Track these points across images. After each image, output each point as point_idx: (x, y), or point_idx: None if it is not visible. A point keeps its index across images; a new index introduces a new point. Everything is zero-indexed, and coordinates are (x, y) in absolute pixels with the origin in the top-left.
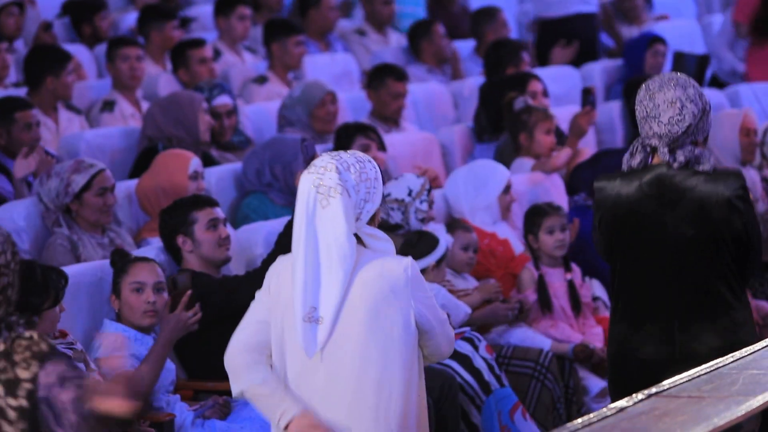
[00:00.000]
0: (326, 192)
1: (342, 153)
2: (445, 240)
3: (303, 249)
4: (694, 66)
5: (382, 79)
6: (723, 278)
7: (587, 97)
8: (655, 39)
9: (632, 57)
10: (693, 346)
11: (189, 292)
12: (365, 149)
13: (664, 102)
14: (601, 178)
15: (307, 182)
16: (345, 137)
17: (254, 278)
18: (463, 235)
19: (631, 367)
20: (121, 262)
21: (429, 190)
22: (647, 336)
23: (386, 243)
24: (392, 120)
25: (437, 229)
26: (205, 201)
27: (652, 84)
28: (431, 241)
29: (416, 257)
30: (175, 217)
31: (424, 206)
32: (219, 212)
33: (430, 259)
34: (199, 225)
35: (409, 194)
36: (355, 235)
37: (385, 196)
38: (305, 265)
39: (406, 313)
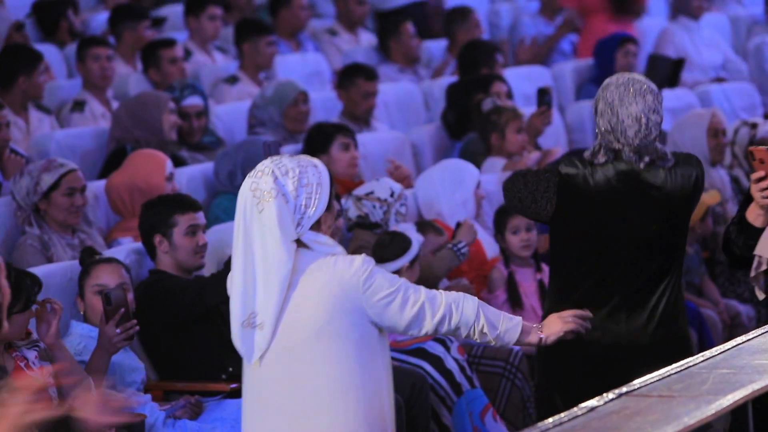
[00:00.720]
0: (261, 196)
1: (285, 157)
2: (417, 241)
3: (241, 254)
4: (668, 69)
5: (352, 79)
6: (675, 271)
7: (543, 97)
8: (626, 39)
9: (603, 57)
10: (638, 335)
11: (122, 309)
12: (346, 148)
13: (627, 117)
14: (568, 165)
15: (245, 186)
16: (322, 137)
17: (220, 279)
18: (434, 239)
19: (579, 356)
20: (86, 263)
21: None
22: (596, 324)
23: (334, 249)
24: (363, 120)
25: (407, 228)
26: (189, 205)
27: (611, 95)
28: (404, 243)
29: (389, 259)
30: (157, 215)
31: (403, 209)
32: (201, 218)
33: (403, 261)
34: (179, 229)
35: (392, 195)
36: (299, 240)
37: (368, 194)
38: (244, 270)
39: (359, 315)
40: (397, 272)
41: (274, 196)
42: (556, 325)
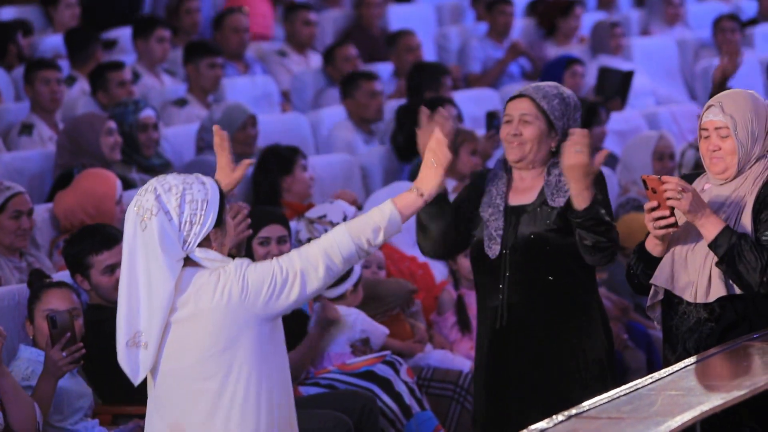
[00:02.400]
0: (143, 214)
1: (171, 175)
2: (359, 264)
3: (125, 273)
4: (618, 81)
5: (355, 83)
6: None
7: (492, 120)
8: (572, 60)
9: (550, 79)
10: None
11: (68, 333)
12: (304, 169)
13: None
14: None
15: (132, 204)
16: (283, 159)
17: None
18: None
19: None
20: (35, 286)
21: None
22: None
23: (223, 264)
24: (373, 120)
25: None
26: (103, 243)
27: None
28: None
29: (335, 283)
30: (72, 257)
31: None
32: (118, 254)
33: (347, 285)
34: (95, 270)
35: (344, 219)
36: (189, 258)
37: (320, 217)
38: (128, 288)
39: (250, 322)
40: (342, 296)
41: (155, 213)
42: (430, 179)
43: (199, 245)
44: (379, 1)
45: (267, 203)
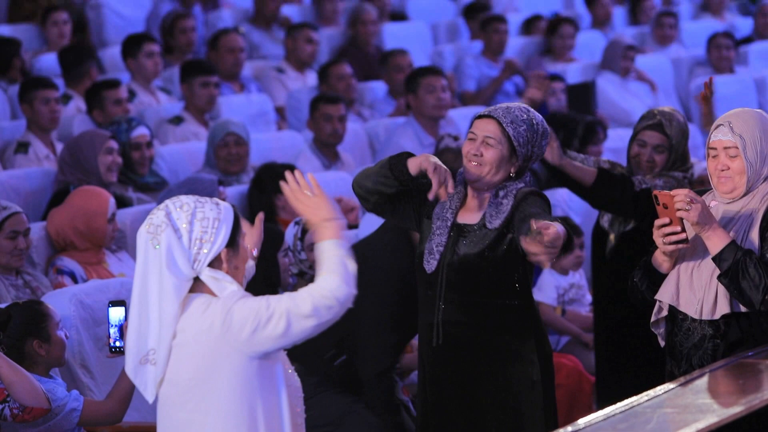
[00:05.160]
0: (155, 231)
1: (184, 195)
2: None
3: (137, 290)
4: (584, 94)
5: (418, 80)
6: None
7: None
8: (551, 78)
9: None
10: None
11: None
12: None
13: None
14: None
15: (144, 224)
16: (275, 177)
17: None
18: None
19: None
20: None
21: (302, 237)
22: None
23: (230, 285)
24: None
25: None
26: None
27: None
28: None
29: None
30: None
31: (303, 255)
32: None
33: None
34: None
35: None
36: (199, 280)
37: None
38: (138, 306)
39: (234, 356)
40: None
41: (164, 230)
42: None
43: (211, 265)
44: (375, 19)
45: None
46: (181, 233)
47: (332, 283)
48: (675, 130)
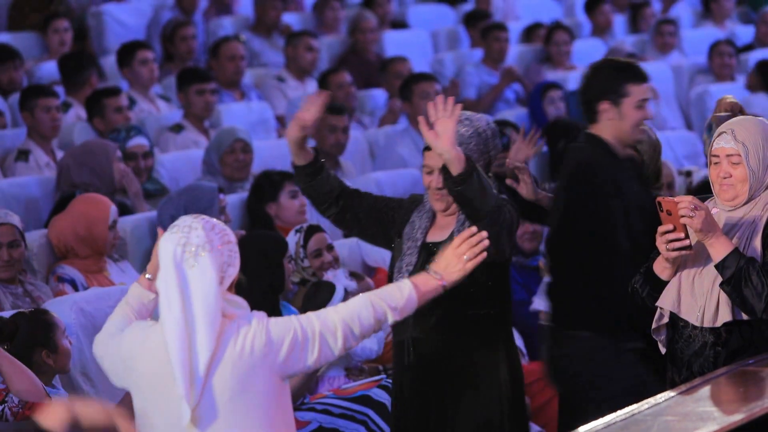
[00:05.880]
0: (193, 251)
1: (203, 216)
2: (342, 285)
3: (178, 308)
4: (576, 101)
5: (410, 88)
6: None
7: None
8: (549, 86)
9: (532, 105)
10: None
11: None
12: (294, 195)
13: None
14: None
15: (171, 242)
16: (270, 185)
17: None
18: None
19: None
20: None
21: (304, 245)
22: None
23: (244, 310)
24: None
25: (337, 275)
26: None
27: None
28: (328, 289)
29: (317, 308)
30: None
31: (306, 262)
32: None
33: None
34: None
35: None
36: None
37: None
38: (184, 324)
39: (267, 375)
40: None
41: (208, 250)
42: (453, 268)
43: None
44: (375, 27)
45: (263, 228)
46: (216, 254)
47: (364, 310)
48: (645, 146)
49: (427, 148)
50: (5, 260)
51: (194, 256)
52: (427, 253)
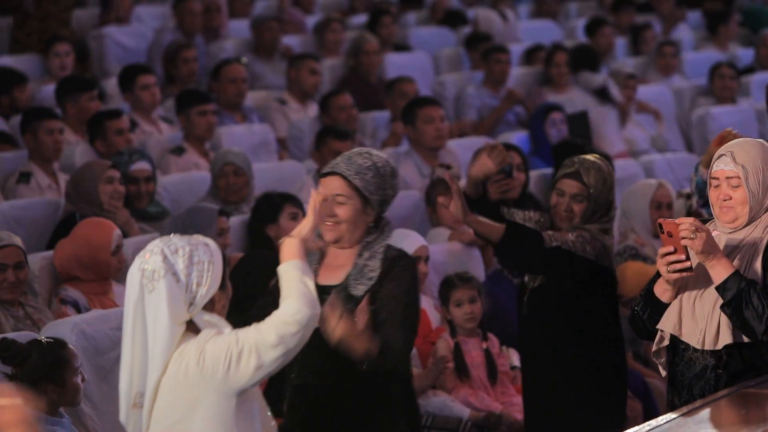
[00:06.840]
0: (150, 276)
1: (174, 236)
2: None
3: (129, 334)
4: (581, 124)
5: (414, 112)
6: None
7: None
8: (550, 108)
9: (534, 128)
10: None
11: None
12: (294, 217)
13: None
14: None
15: (134, 266)
16: (270, 207)
17: None
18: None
19: None
20: None
21: None
22: None
23: (225, 328)
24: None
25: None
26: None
27: None
28: None
29: None
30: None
31: None
32: None
33: None
34: None
35: None
36: (191, 321)
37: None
38: (132, 350)
39: (207, 396)
40: None
41: (163, 275)
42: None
43: (204, 308)
44: (377, 49)
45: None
46: (180, 277)
47: (291, 308)
48: (594, 179)
49: (324, 175)
50: (11, 281)
51: (151, 281)
52: (319, 296)
